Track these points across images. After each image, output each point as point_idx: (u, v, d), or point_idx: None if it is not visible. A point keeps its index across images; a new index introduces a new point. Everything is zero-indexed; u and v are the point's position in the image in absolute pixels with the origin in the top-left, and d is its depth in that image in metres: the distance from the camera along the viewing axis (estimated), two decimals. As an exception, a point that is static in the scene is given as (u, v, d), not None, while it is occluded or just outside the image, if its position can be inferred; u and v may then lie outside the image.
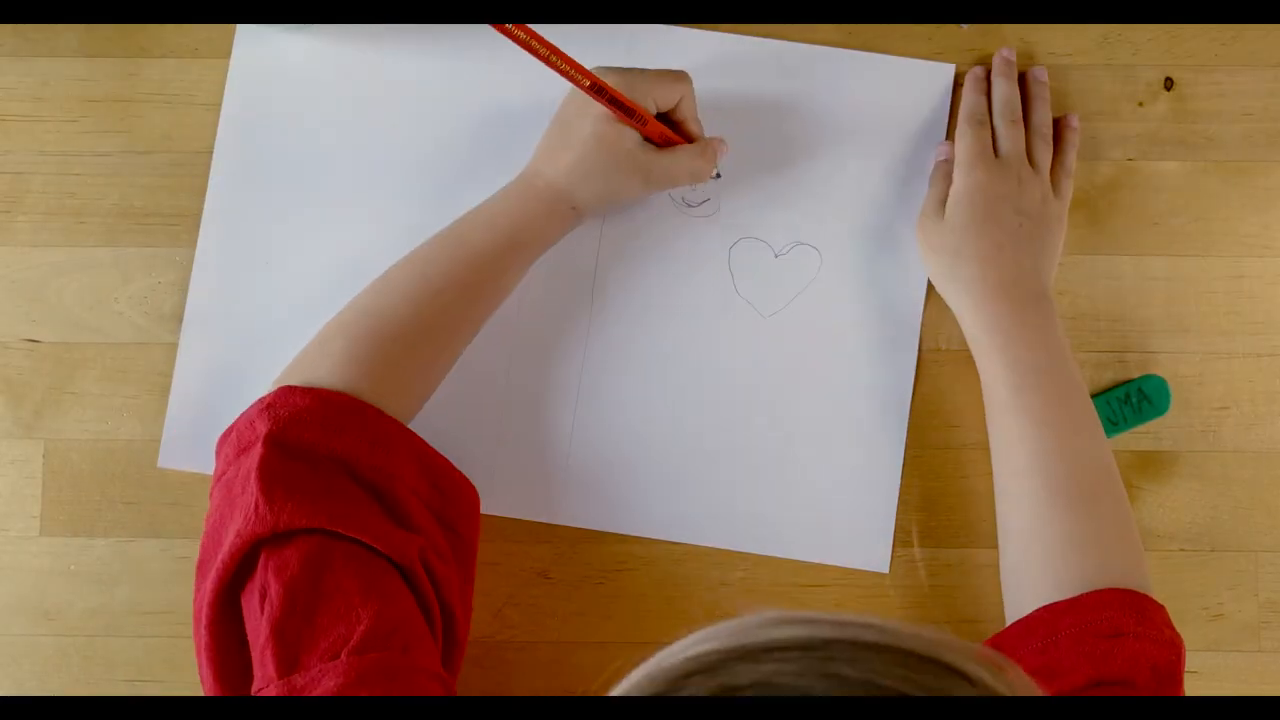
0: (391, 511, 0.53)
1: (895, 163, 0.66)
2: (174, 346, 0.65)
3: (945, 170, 0.65)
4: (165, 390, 0.64)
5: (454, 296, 0.58)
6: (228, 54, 0.67)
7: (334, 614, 0.48)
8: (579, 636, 0.63)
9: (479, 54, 0.67)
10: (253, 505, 0.49)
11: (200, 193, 0.66)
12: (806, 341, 0.65)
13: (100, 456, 0.64)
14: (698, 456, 0.64)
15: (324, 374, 0.54)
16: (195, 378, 0.64)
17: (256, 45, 0.67)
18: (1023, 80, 0.66)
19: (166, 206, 0.66)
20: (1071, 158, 0.65)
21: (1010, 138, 0.63)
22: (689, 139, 0.62)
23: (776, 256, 0.66)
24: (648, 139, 0.60)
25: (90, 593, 0.63)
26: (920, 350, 0.65)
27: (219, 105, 0.66)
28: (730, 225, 0.66)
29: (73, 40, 0.67)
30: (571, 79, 0.56)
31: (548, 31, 0.54)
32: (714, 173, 0.63)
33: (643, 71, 0.59)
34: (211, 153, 0.66)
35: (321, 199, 0.66)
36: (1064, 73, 0.67)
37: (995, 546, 0.62)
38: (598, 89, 0.57)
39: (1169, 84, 0.67)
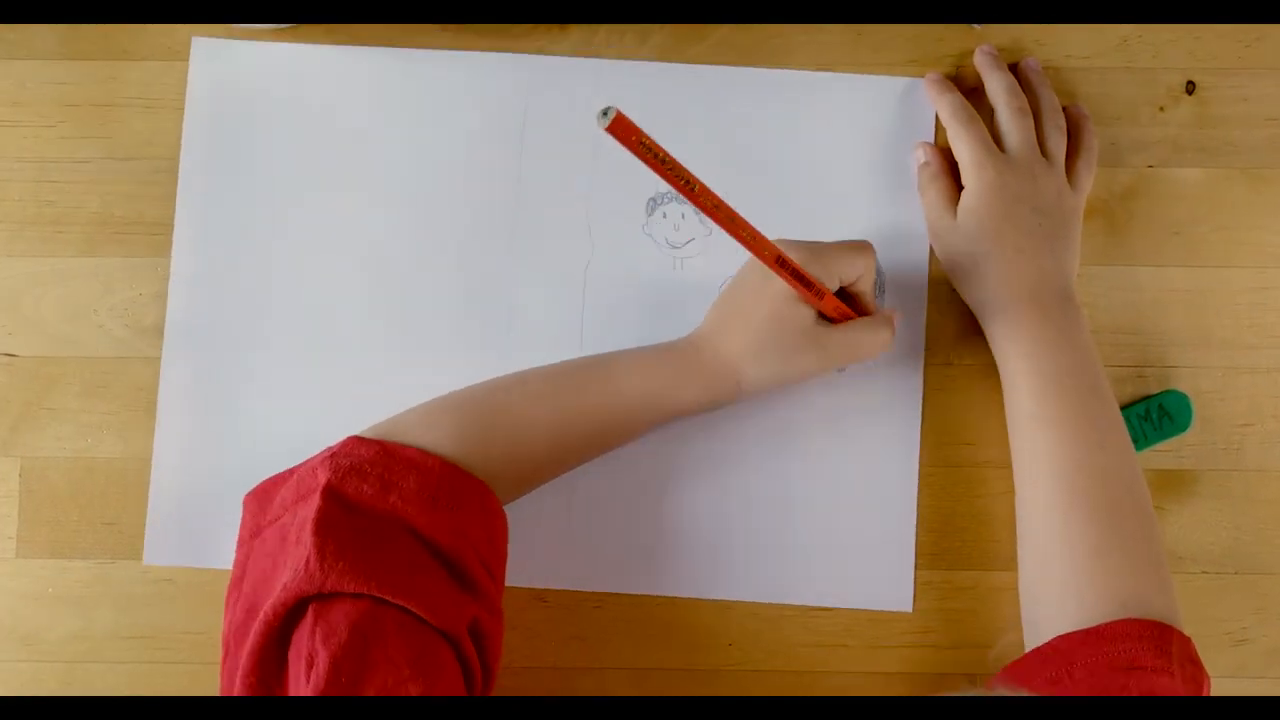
0: (451, 569, 0.50)
1: (884, 182, 0.64)
2: (156, 360, 0.62)
3: (931, 173, 0.62)
4: (147, 406, 0.62)
5: (582, 433, 0.57)
6: (213, 56, 0.64)
7: (381, 687, 0.46)
8: (577, 662, 0.61)
9: (455, 58, 0.64)
10: (304, 560, 0.47)
11: (184, 200, 0.64)
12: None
13: (79, 475, 0.62)
14: (698, 503, 0.62)
15: (429, 440, 0.53)
16: (178, 394, 0.62)
17: (216, 52, 0.64)
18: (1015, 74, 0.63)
19: (148, 215, 0.63)
20: (1093, 146, 0.62)
21: (1020, 128, 0.61)
22: (863, 312, 0.58)
23: None
24: (822, 315, 0.57)
25: (69, 617, 0.61)
26: (932, 365, 0.63)
27: (203, 109, 0.64)
28: (719, 262, 0.63)
29: (51, 41, 0.64)
30: (753, 249, 0.52)
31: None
32: (892, 345, 0.59)
33: (825, 245, 0.56)
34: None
35: (294, 204, 0.63)
36: (1082, 76, 0.64)
37: (1012, 569, 0.60)
38: (781, 261, 0.53)
39: (1190, 88, 0.64)
